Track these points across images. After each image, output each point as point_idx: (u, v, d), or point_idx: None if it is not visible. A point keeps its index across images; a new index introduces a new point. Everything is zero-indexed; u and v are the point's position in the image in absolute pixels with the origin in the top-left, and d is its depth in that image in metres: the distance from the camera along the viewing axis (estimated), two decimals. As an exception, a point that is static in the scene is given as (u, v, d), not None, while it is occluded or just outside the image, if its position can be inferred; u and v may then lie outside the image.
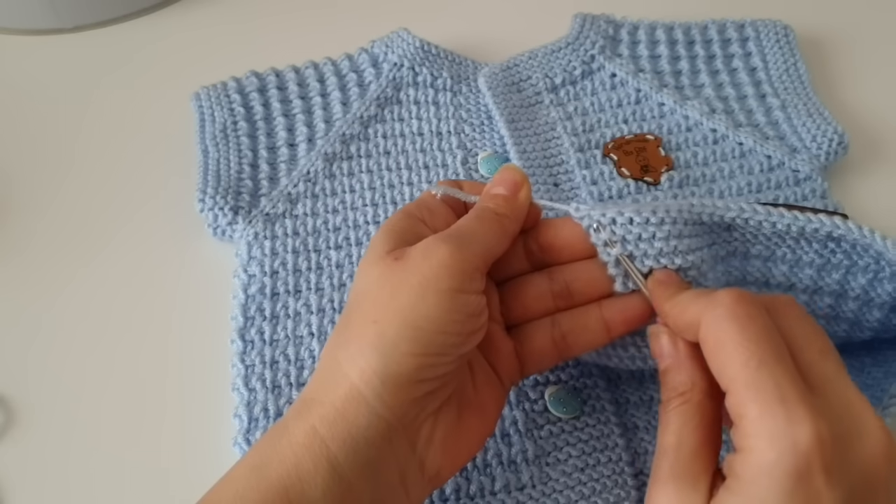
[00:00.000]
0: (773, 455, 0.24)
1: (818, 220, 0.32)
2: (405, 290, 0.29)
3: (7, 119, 0.51)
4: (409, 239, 0.31)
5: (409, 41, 0.50)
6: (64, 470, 0.37)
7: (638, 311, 0.32)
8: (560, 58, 0.50)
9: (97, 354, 0.41)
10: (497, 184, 0.33)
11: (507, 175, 0.33)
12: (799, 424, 0.24)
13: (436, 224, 0.33)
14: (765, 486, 0.24)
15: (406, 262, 0.29)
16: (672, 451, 0.27)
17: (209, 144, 0.46)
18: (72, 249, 0.45)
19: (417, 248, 0.30)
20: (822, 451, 0.24)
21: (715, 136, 0.47)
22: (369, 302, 0.29)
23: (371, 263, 0.30)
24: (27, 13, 0.55)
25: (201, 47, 0.55)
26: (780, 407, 0.24)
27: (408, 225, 0.32)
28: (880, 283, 0.34)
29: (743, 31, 0.52)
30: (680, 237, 0.31)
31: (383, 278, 0.29)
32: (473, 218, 0.32)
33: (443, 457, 0.30)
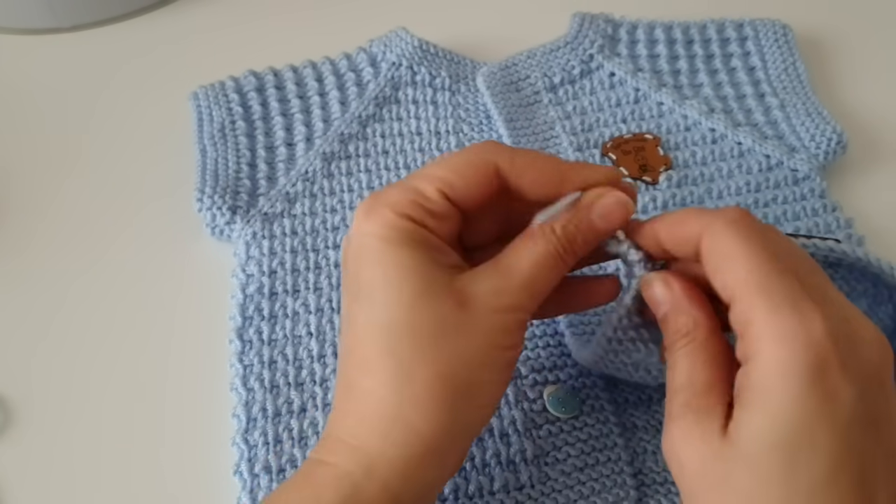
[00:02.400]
0: (786, 353, 0.23)
1: (812, 244, 0.32)
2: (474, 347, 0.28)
3: (4, 119, 0.51)
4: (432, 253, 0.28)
5: (407, 40, 0.50)
6: (63, 470, 0.37)
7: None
8: (559, 57, 0.50)
9: (95, 354, 0.41)
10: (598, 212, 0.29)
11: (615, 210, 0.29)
12: (811, 321, 0.23)
13: (444, 233, 0.29)
14: (780, 388, 0.23)
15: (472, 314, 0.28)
16: (684, 389, 0.26)
17: (207, 144, 0.46)
18: (69, 249, 0.45)
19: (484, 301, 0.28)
20: (836, 345, 0.23)
21: (713, 136, 0.47)
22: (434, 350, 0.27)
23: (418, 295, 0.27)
24: (24, 12, 0.55)
25: (199, 47, 0.55)
26: (789, 306, 0.24)
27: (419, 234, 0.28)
28: (879, 307, 0.34)
29: (742, 30, 0.52)
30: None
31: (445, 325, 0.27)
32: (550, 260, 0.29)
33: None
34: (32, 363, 0.40)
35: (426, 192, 0.29)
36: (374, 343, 0.28)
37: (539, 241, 0.29)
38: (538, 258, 0.29)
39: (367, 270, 0.28)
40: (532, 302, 0.29)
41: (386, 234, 0.28)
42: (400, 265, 0.27)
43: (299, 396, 0.37)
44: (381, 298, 0.28)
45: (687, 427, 0.26)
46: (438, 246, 0.29)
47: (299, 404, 0.37)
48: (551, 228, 0.29)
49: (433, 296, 0.27)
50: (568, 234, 0.29)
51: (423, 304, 0.27)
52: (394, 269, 0.27)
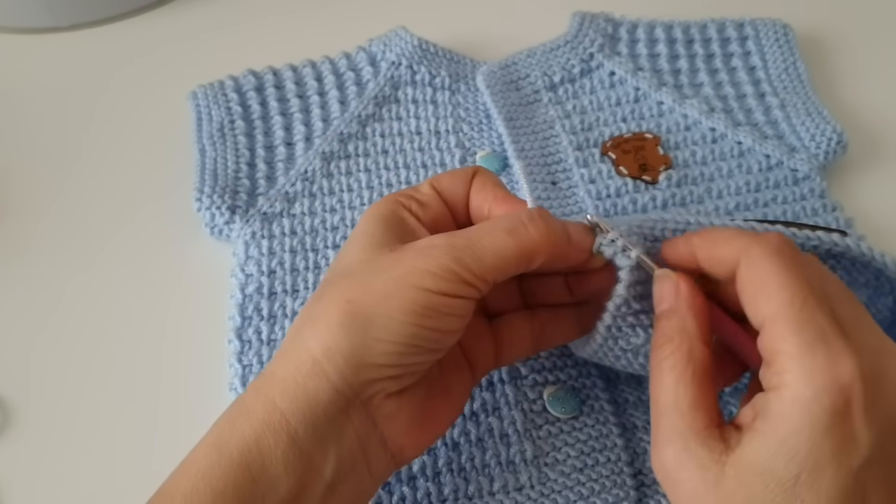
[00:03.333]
0: (811, 392, 0.23)
1: (817, 237, 0.32)
2: (387, 279, 0.28)
3: (3, 119, 0.51)
4: (401, 229, 0.31)
5: (407, 40, 0.50)
6: (61, 470, 0.37)
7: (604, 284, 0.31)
8: (559, 56, 0.50)
9: (94, 354, 0.41)
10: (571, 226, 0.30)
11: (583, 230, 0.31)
12: (839, 362, 0.24)
13: (424, 216, 0.32)
14: (799, 422, 0.24)
15: (399, 256, 0.29)
16: (670, 411, 0.27)
17: (206, 143, 0.46)
18: (68, 249, 0.45)
19: (415, 246, 0.29)
20: (862, 388, 0.23)
21: (713, 135, 0.47)
22: (347, 280, 0.29)
23: (359, 248, 0.30)
24: (23, 12, 0.55)
25: (198, 46, 0.55)
26: (820, 344, 0.24)
27: (396, 214, 0.31)
28: (879, 299, 0.34)
29: (742, 30, 0.52)
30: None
31: (371, 262, 0.29)
32: (501, 231, 0.29)
33: (406, 436, 0.30)
34: (31, 363, 0.40)
35: (419, 187, 0.33)
36: (322, 283, 0.31)
37: (503, 217, 0.30)
38: (493, 226, 0.29)
39: (348, 239, 0.32)
40: (469, 261, 0.28)
41: (371, 211, 0.32)
42: (366, 231, 0.31)
43: (298, 397, 0.37)
44: (340, 254, 0.31)
45: (679, 454, 0.26)
46: (412, 229, 0.31)
47: (298, 404, 0.37)
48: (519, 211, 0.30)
49: (375, 248, 0.30)
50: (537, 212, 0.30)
51: (363, 252, 0.30)
52: (359, 234, 0.31)
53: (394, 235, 0.30)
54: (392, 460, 0.30)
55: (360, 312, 0.28)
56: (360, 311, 0.28)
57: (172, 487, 0.28)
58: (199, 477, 0.27)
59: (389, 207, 0.32)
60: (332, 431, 0.28)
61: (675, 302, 0.28)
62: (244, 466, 0.27)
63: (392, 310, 0.27)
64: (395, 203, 0.32)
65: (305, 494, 0.28)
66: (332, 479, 0.28)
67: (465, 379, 0.33)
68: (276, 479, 0.27)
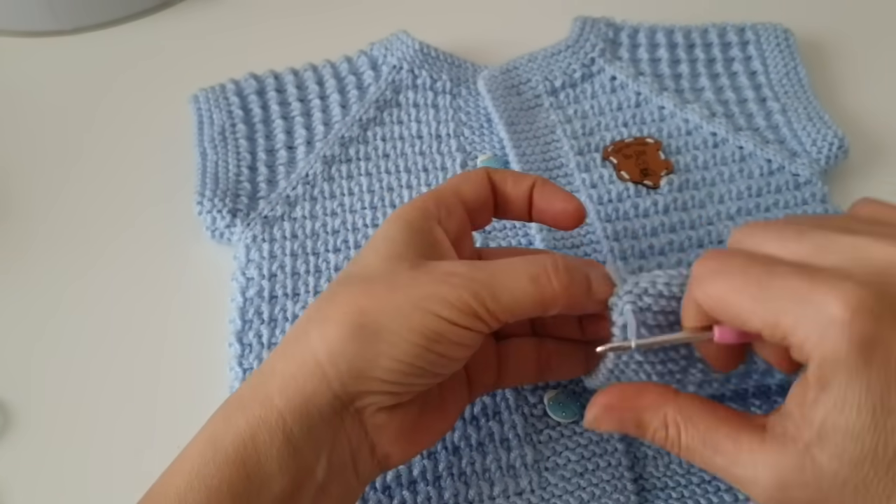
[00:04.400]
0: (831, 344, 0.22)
1: None
2: (402, 297, 0.28)
3: (5, 121, 0.51)
4: (425, 241, 0.30)
5: (408, 44, 0.50)
6: (62, 473, 0.37)
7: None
8: (560, 60, 0.50)
9: (95, 357, 0.41)
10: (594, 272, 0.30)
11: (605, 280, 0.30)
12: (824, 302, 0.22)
13: (449, 226, 0.32)
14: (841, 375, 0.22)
15: (419, 275, 0.29)
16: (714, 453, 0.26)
17: (207, 147, 0.46)
18: (69, 252, 0.45)
19: (436, 269, 0.29)
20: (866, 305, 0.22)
21: (715, 140, 0.47)
22: (363, 287, 0.29)
23: (380, 254, 0.30)
24: (25, 15, 0.55)
25: (200, 50, 0.55)
26: (799, 306, 0.23)
27: (425, 224, 0.31)
28: None
29: (743, 34, 0.52)
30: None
31: (390, 274, 0.29)
32: (526, 275, 0.29)
33: (394, 445, 0.30)
34: (32, 366, 0.40)
35: (443, 191, 0.33)
36: (331, 284, 0.31)
37: (528, 258, 0.30)
38: (516, 267, 0.29)
39: (371, 239, 0.32)
40: (487, 300, 0.28)
41: (399, 213, 0.31)
42: (387, 236, 0.31)
43: (299, 400, 0.37)
44: (360, 256, 0.31)
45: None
46: (438, 241, 0.31)
47: (299, 408, 0.37)
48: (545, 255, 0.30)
49: (396, 258, 0.30)
50: (562, 261, 0.29)
51: (383, 261, 0.30)
52: (381, 238, 0.31)
53: (417, 247, 0.30)
54: (378, 465, 0.30)
55: (370, 324, 0.28)
56: (371, 323, 0.28)
57: (166, 484, 0.28)
58: (194, 474, 0.27)
59: (417, 214, 0.31)
60: (325, 433, 0.28)
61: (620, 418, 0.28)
62: (239, 463, 0.27)
63: (402, 328, 0.27)
64: (424, 210, 0.31)
65: (299, 494, 0.28)
66: (324, 480, 0.28)
67: (461, 396, 0.33)
68: (271, 478, 0.27)
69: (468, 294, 0.28)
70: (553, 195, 0.33)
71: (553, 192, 0.33)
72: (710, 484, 0.35)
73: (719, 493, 0.35)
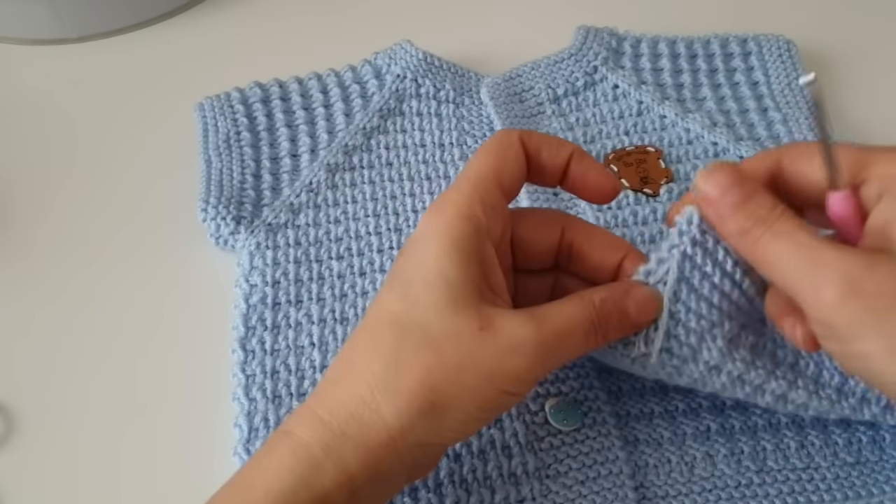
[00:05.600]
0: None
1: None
2: (474, 375, 0.28)
3: (11, 128, 0.52)
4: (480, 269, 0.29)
5: (412, 53, 0.50)
6: (64, 478, 0.37)
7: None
8: (563, 69, 0.50)
9: (98, 362, 0.41)
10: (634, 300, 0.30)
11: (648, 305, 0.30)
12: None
13: (495, 233, 0.30)
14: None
15: (489, 343, 0.28)
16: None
17: (212, 154, 0.46)
18: (74, 258, 0.45)
19: (506, 338, 0.28)
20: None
21: (716, 150, 0.47)
22: (434, 359, 0.28)
23: (438, 297, 0.28)
24: (32, 22, 0.55)
25: (205, 58, 0.55)
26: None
27: (478, 245, 0.29)
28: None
29: (745, 45, 0.52)
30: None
31: (458, 343, 0.28)
32: (581, 333, 0.29)
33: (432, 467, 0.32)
34: (35, 372, 0.40)
35: (487, 185, 0.30)
36: (387, 330, 0.29)
37: (577, 305, 0.29)
38: (572, 319, 0.29)
39: (414, 262, 0.29)
40: (550, 360, 0.29)
41: (447, 232, 0.29)
42: (442, 273, 0.28)
43: (301, 407, 0.37)
44: (413, 294, 0.29)
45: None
46: (489, 261, 0.30)
47: (301, 415, 0.37)
48: (591, 298, 0.30)
49: (461, 310, 0.28)
50: (605, 308, 0.30)
51: (449, 313, 0.28)
52: (435, 275, 0.28)
53: (475, 282, 0.28)
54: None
55: (440, 403, 0.28)
56: (441, 402, 0.28)
57: None
58: None
59: (468, 233, 0.29)
60: (386, 490, 0.29)
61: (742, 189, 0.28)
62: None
63: (469, 405, 0.28)
64: (472, 224, 0.29)
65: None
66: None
67: None
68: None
69: (539, 366, 0.29)
70: (590, 167, 0.32)
71: (591, 165, 0.32)
72: (712, 493, 0.35)
73: (720, 501, 0.35)
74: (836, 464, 0.36)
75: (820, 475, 0.35)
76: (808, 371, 0.32)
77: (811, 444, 0.36)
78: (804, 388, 0.32)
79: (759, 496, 0.35)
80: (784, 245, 0.26)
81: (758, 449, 0.36)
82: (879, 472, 0.35)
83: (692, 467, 0.36)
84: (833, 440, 0.36)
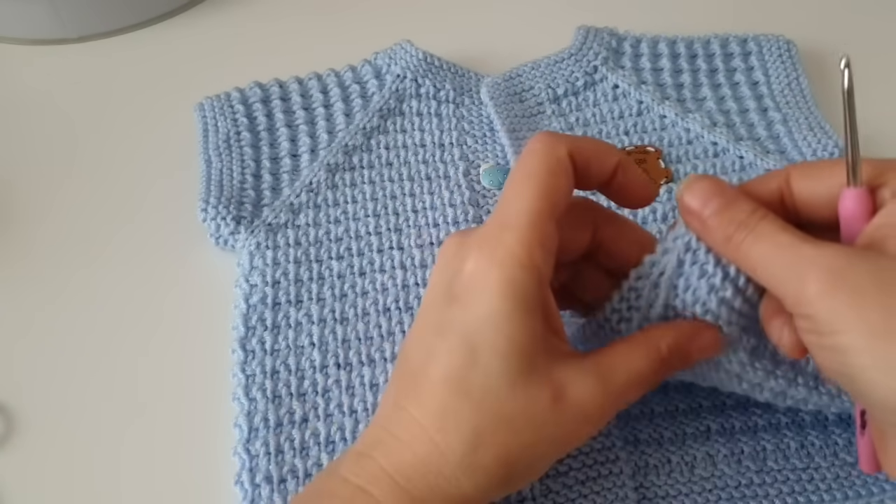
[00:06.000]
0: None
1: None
2: (549, 444, 0.28)
3: (10, 128, 0.52)
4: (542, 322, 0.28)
5: (412, 53, 0.50)
6: (64, 478, 0.37)
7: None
8: (563, 68, 0.50)
9: (98, 362, 0.41)
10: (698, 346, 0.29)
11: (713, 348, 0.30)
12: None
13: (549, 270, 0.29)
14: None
15: (562, 414, 0.28)
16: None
17: (212, 154, 0.46)
18: (74, 258, 0.45)
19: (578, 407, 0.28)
20: None
21: (716, 150, 0.47)
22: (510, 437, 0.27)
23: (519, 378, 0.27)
24: (32, 22, 0.55)
25: (205, 58, 0.55)
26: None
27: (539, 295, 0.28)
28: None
29: (745, 45, 0.52)
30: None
31: (533, 417, 0.27)
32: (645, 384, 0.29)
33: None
34: (35, 372, 0.40)
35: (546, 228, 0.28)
36: (459, 400, 0.27)
37: (644, 358, 0.29)
38: (639, 373, 0.29)
39: (475, 318, 0.27)
40: (615, 411, 0.30)
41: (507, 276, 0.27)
42: (511, 339, 0.27)
43: (301, 407, 0.37)
44: (485, 362, 0.27)
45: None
46: (551, 314, 0.29)
47: (301, 415, 0.37)
48: (658, 347, 0.29)
49: (533, 381, 0.27)
50: (671, 358, 0.29)
51: (521, 385, 0.27)
52: (505, 341, 0.27)
53: (541, 340, 0.28)
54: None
55: (516, 473, 0.28)
56: (517, 473, 0.29)
57: None
58: None
59: (529, 285, 0.27)
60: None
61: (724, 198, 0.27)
62: None
63: (542, 469, 0.30)
64: (534, 271, 0.27)
65: None
66: None
67: None
68: None
69: (603, 422, 0.29)
70: (635, 178, 0.31)
71: (635, 175, 0.31)
72: (712, 493, 0.35)
73: (720, 501, 0.35)
74: (836, 464, 0.36)
75: (820, 475, 0.35)
76: (809, 368, 0.32)
77: (811, 444, 0.36)
78: (804, 384, 0.32)
79: (760, 496, 0.35)
80: (766, 247, 0.26)
81: (758, 449, 0.36)
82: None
83: (692, 467, 0.36)
84: (833, 440, 0.36)
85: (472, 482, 0.28)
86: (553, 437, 0.28)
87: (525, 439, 0.28)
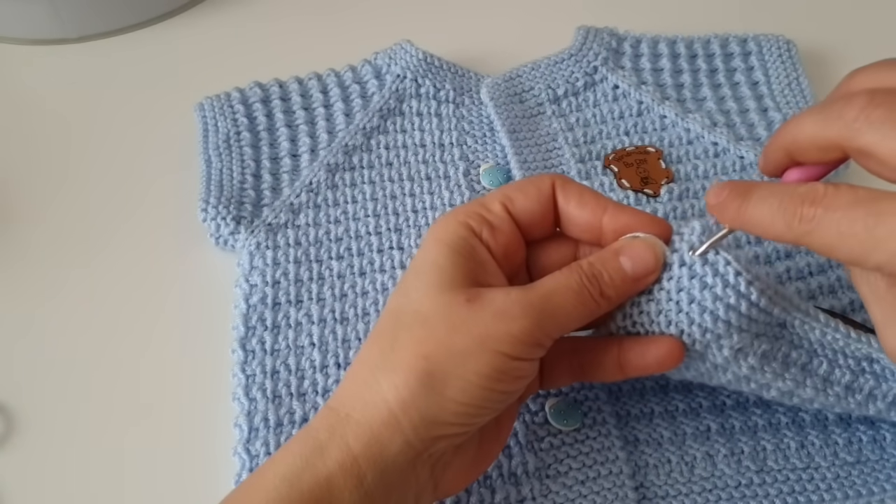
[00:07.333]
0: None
1: (863, 339, 0.31)
2: (466, 339, 0.28)
3: (10, 128, 0.52)
4: (471, 264, 0.30)
5: (412, 53, 0.50)
6: (64, 478, 0.37)
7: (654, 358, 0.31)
8: (563, 69, 0.50)
9: (98, 362, 0.41)
10: (627, 254, 0.30)
11: (643, 253, 0.30)
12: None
13: (493, 242, 0.31)
14: None
15: (476, 311, 0.29)
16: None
17: (212, 154, 0.46)
18: (73, 258, 0.45)
19: (494, 304, 0.29)
20: None
21: (716, 150, 0.47)
22: (425, 331, 0.29)
23: (431, 285, 0.29)
24: (32, 22, 0.55)
25: (205, 58, 0.55)
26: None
27: (467, 246, 0.30)
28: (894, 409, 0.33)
29: (745, 45, 0.52)
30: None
31: (446, 310, 0.29)
32: (571, 292, 0.29)
33: (456, 478, 0.31)
34: (35, 372, 0.40)
35: (489, 205, 0.32)
36: (387, 321, 0.30)
37: (565, 269, 0.30)
38: (558, 279, 0.30)
39: (413, 262, 0.31)
40: (545, 320, 0.29)
41: (440, 236, 0.31)
42: (434, 263, 0.30)
43: (301, 407, 0.37)
44: (408, 286, 0.31)
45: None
46: (483, 261, 0.31)
47: (301, 415, 0.37)
48: (579, 262, 0.30)
49: (448, 290, 0.29)
50: (594, 268, 0.30)
51: (436, 294, 0.29)
52: (428, 265, 0.30)
53: (465, 272, 0.30)
54: (436, 499, 0.31)
55: (437, 371, 0.28)
56: (438, 371, 0.28)
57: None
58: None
59: (459, 234, 0.31)
60: (397, 480, 0.29)
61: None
62: (313, 503, 0.27)
63: (469, 372, 0.28)
64: (464, 228, 0.31)
65: None
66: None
67: (513, 414, 0.34)
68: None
69: (532, 324, 0.28)
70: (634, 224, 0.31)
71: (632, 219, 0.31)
72: (712, 493, 0.35)
73: (720, 501, 0.35)
74: (836, 463, 0.36)
75: (820, 475, 0.35)
76: (820, 370, 0.32)
77: (811, 444, 0.36)
78: (812, 386, 0.32)
79: (759, 496, 0.35)
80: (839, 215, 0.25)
81: (758, 449, 0.36)
82: (880, 470, 0.35)
83: (692, 467, 0.36)
84: (833, 440, 0.36)
85: (389, 382, 0.28)
86: (469, 330, 0.28)
87: (439, 331, 0.28)
